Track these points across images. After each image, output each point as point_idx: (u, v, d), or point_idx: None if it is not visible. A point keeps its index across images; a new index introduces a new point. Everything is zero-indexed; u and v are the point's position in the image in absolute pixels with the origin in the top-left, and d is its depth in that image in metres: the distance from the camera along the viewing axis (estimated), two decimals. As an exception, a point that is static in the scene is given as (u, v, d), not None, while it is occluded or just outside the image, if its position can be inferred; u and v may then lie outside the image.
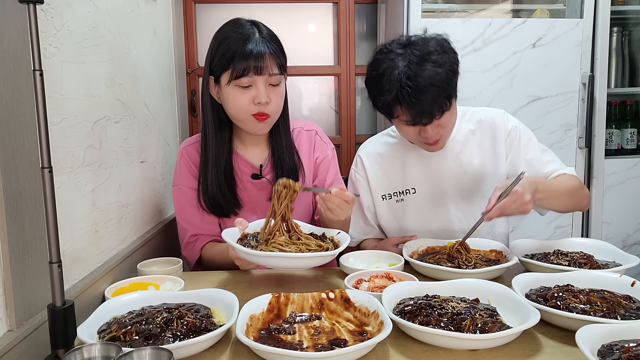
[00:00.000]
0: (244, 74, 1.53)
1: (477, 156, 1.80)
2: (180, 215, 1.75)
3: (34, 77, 0.89)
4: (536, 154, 1.79)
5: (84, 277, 1.33)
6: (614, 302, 1.13)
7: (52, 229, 0.93)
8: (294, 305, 1.22)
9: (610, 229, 2.78)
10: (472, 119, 1.83)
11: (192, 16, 3.12)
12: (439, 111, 1.57)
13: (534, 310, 1.08)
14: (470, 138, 1.81)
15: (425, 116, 1.56)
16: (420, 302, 1.15)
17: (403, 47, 1.60)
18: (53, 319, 0.94)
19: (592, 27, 2.63)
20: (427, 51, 1.56)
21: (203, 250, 1.72)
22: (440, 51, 1.57)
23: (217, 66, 1.58)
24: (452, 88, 1.60)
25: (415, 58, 1.55)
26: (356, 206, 1.88)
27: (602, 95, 2.64)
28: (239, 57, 1.53)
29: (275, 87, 1.59)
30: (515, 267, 1.49)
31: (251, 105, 1.57)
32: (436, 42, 1.60)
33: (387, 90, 1.56)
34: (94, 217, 1.39)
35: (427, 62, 1.54)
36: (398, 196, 1.84)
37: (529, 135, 1.82)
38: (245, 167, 1.72)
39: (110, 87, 1.53)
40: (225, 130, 1.69)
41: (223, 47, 1.56)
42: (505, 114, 1.84)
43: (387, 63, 1.59)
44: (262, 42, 1.55)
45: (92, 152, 1.38)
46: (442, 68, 1.54)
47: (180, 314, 1.11)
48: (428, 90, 1.52)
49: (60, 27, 1.22)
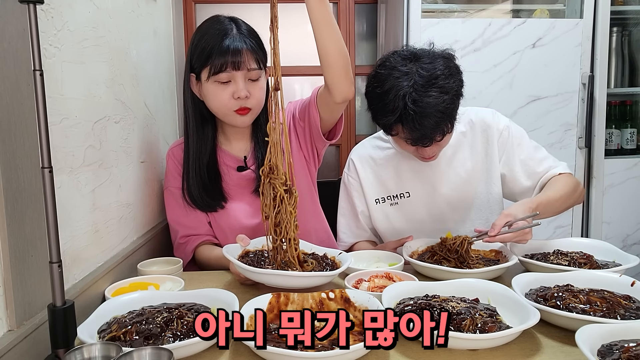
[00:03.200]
0: (222, 70, 1.55)
1: (469, 158, 1.80)
2: (170, 217, 1.78)
3: (34, 77, 0.89)
4: (530, 152, 1.78)
5: (84, 277, 1.33)
6: (613, 302, 1.13)
7: (52, 229, 0.93)
8: (294, 305, 1.22)
9: (610, 229, 2.78)
10: (462, 119, 1.80)
11: (192, 16, 3.12)
12: (441, 134, 1.56)
13: (534, 310, 1.08)
14: (462, 140, 1.80)
15: (427, 140, 1.56)
16: (420, 302, 1.15)
17: (408, 62, 1.56)
18: (53, 319, 0.94)
19: (592, 27, 2.63)
20: (434, 74, 1.52)
21: (197, 253, 1.74)
22: (448, 75, 1.53)
23: (197, 63, 1.60)
24: (455, 112, 1.58)
25: (421, 80, 1.51)
26: (348, 209, 1.88)
27: (602, 95, 2.65)
28: (216, 53, 1.55)
29: (254, 82, 1.60)
30: (515, 267, 1.49)
31: (232, 100, 1.58)
32: (444, 62, 1.56)
33: (390, 112, 1.53)
34: (94, 217, 1.39)
35: (433, 87, 1.50)
36: (392, 200, 1.83)
37: (521, 133, 1.81)
38: (229, 162, 1.74)
39: (111, 87, 1.53)
40: (207, 127, 1.71)
41: (201, 44, 1.58)
42: (495, 113, 1.83)
43: (391, 81, 1.53)
44: (239, 38, 1.57)
45: (92, 152, 1.38)
46: (448, 94, 1.51)
47: (180, 313, 1.11)
48: (432, 116, 1.49)
49: (60, 27, 1.22)
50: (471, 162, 1.79)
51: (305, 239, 1.58)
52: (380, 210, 1.84)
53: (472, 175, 1.79)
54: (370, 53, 3.32)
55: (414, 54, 1.58)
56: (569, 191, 1.69)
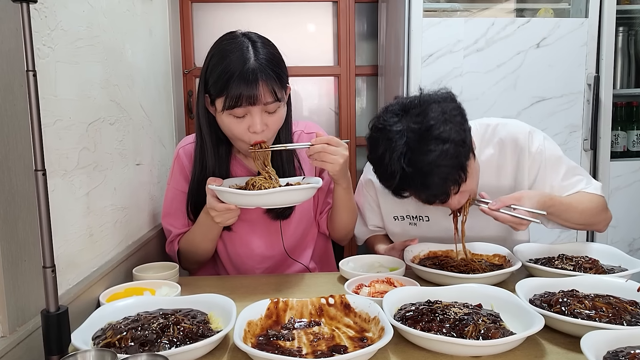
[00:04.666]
0: (237, 105, 1.47)
1: (495, 180, 1.72)
2: (165, 215, 1.76)
3: (27, 77, 0.89)
4: (563, 177, 1.69)
5: (79, 282, 1.33)
6: (619, 308, 1.13)
7: (46, 233, 0.93)
8: (293, 311, 1.23)
9: (616, 232, 2.77)
10: (493, 139, 1.72)
11: (188, 15, 3.12)
12: (455, 185, 1.45)
13: (538, 316, 1.08)
14: (490, 161, 1.71)
15: (439, 197, 1.46)
16: (421, 308, 1.16)
17: (398, 118, 1.46)
18: (47, 325, 0.94)
19: (597, 27, 2.63)
20: (427, 125, 1.40)
21: (180, 242, 1.73)
22: (443, 121, 1.40)
23: (212, 89, 1.52)
24: (465, 158, 1.45)
25: (414, 135, 1.40)
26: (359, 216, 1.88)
27: (608, 96, 2.64)
28: (232, 85, 1.46)
29: (272, 114, 1.52)
30: (519, 272, 1.49)
31: (247, 134, 1.52)
32: (437, 107, 1.43)
33: (389, 176, 1.45)
34: (88, 221, 1.39)
35: (429, 141, 1.39)
36: (411, 219, 1.81)
37: (556, 155, 1.71)
38: (243, 174, 1.71)
39: (105, 88, 1.53)
40: (222, 145, 1.66)
41: (217, 70, 1.50)
42: (530, 133, 1.70)
43: (384, 144, 1.44)
44: (256, 69, 1.46)
45: (86, 154, 1.38)
46: (449, 142, 1.39)
47: (176, 319, 1.11)
48: (434, 172, 1.39)
49: (54, 27, 1.22)
50: (497, 185, 1.71)
51: (304, 253, 1.77)
52: (400, 226, 1.84)
53: (495, 196, 1.62)
54: (371, 53, 3.33)
55: (403, 108, 1.48)
56: (593, 210, 1.64)
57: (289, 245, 1.76)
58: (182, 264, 1.77)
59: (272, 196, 1.40)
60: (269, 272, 1.78)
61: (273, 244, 1.75)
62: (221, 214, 1.48)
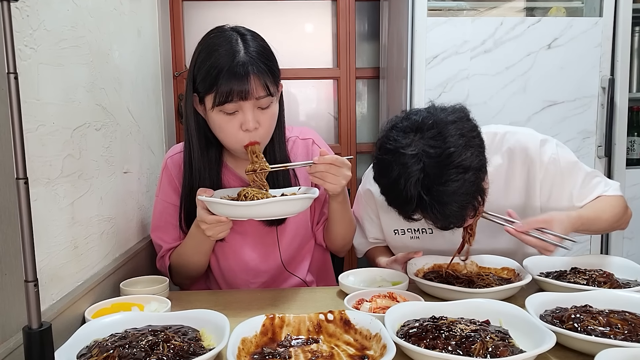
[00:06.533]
0: (228, 100, 1.47)
1: (504, 195, 1.72)
2: (154, 229, 1.77)
3: (8, 80, 0.89)
4: (581, 183, 1.70)
5: (63, 297, 1.33)
6: (635, 324, 1.14)
7: (28, 245, 0.93)
8: (290, 328, 1.23)
9: (631, 245, 2.77)
10: (501, 148, 1.71)
11: (179, 15, 3.14)
12: (472, 211, 1.45)
13: (549, 332, 1.08)
14: (498, 172, 1.70)
15: (454, 225, 1.44)
16: (426, 324, 1.16)
17: (411, 139, 1.40)
18: (29, 343, 0.94)
19: (612, 27, 2.64)
20: (446, 152, 1.35)
21: (171, 257, 1.73)
22: (463, 146, 1.36)
23: (200, 86, 1.53)
24: (482, 182, 1.44)
25: (431, 161, 1.35)
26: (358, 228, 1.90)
27: (623, 100, 2.65)
28: (221, 81, 1.47)
29: (264, 110, 1.54)
30: (529, 286, 1.49)
31: (240, 133, 1.52)
32: (455, 129, 1.38)
33: (404, 203, 1.41)
34: (73, 232, 1.40)
35: (449, 168, 1.34)
36: (413, 233, 1.81)
37: (571, 162, 1.71)
38: (235, 183, 1.72)
39: (91, 92, 1.54)
40: (212, 150, 1.66)
41: (205, 66, 1.50)
42: (541, 142, 1.70)
43: (398, 169, 1.38)
44: (247, 62, 1.47)
45: (71, 161, 1.39)
46: (470, 171, 1.36)
47: (166, 337, 1.11)
48: (454, 201, 1.36)
49: (36, 27, 1.23)
50: (506, 199, 1.71)
51: (301, 265, 1.80)
52: (400, 241, 1.84)
53: (503, 211, 1.62)
54: (372, 54, 3.34)
55: (416, 126, 1.42)
56: (617, 215, 1.68)
57: (285, 257, 1.76)
58: (174, 279, 1.77)
59: (266, 207, 1.40)
60: (264, 287, 1.78)
61: (268, 256, 1.75)
62: (212, 227, 1.48)
